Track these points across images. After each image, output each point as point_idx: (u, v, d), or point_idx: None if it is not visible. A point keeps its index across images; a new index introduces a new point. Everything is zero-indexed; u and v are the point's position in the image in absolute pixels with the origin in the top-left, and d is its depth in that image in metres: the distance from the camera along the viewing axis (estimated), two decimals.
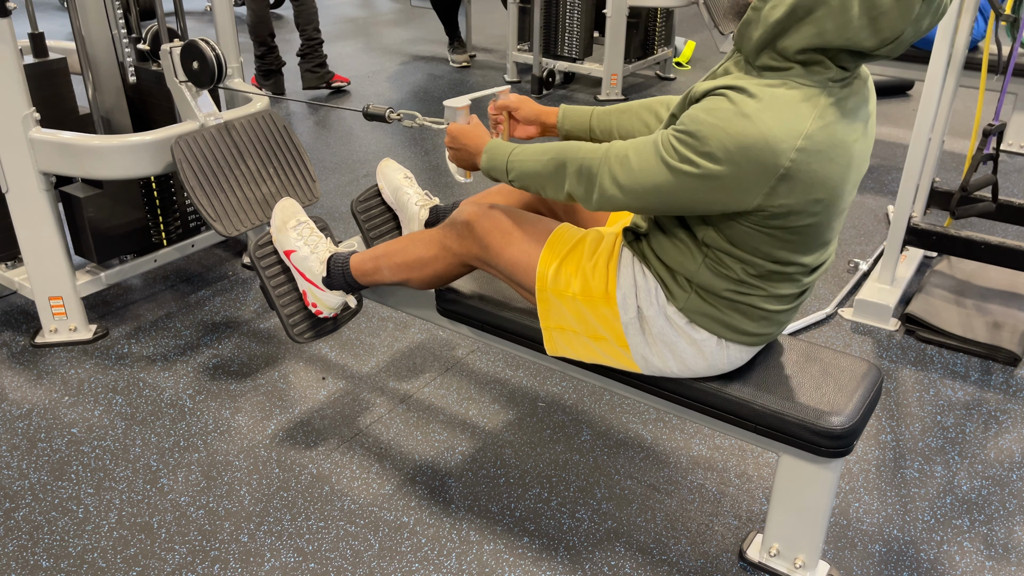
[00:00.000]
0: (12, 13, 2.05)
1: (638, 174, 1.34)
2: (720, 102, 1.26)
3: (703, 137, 1.25)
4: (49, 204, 2.28)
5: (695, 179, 1.28)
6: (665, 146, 1.30)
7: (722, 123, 1.24)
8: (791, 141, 1.24)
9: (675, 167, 1.29)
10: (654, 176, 1.32)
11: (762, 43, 1.27)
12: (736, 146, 1.23)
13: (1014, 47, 2.41)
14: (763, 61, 1.28)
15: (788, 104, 1.24)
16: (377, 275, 1.81)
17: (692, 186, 1.29)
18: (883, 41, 1.21)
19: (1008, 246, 2.45)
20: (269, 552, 1.74)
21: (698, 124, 1.26)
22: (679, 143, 1.28)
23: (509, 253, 1.61)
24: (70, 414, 2.14)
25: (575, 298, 1.54)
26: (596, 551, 1.76)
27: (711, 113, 1.25)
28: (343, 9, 7.25)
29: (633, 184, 1.35)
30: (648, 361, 1.53)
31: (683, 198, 1.31)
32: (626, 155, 1.35)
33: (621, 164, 1.36)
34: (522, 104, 1.76)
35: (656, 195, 1.33)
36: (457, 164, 1.69)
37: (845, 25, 1.19)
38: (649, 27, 4.93)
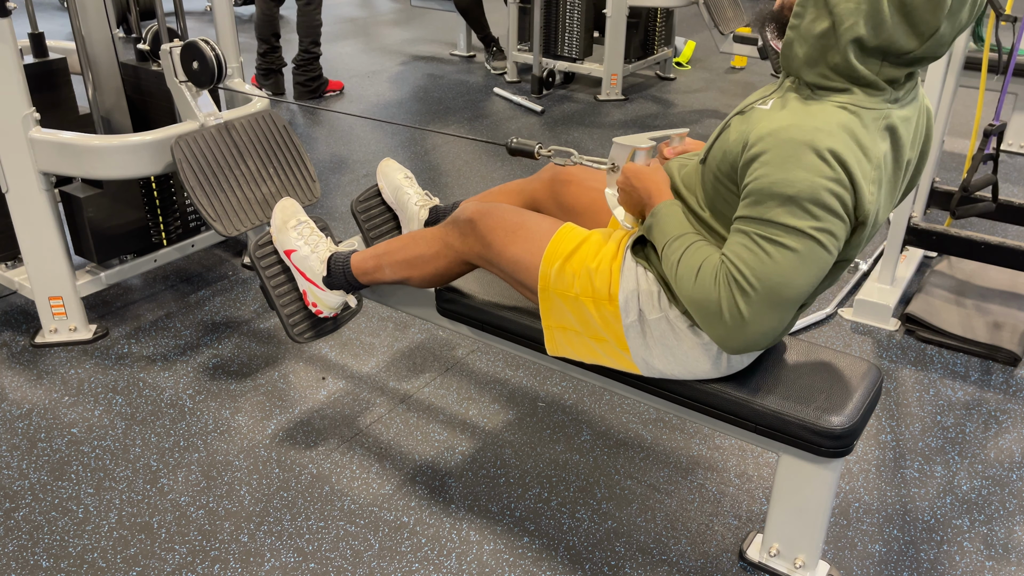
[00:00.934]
0: (12, 13, 2.05)
1: (793, 277, 1.28)
2: (794, 151, 1.23)
3: (801, 197, 1.24)
4: (49, 204, 2.28)
5: (811, 252, 1.27)
6: (775, 225, 1.26)
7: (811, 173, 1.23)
8: (869, 178, 1.25)
9: (810, 234, 1.25)
10: (792, 260, 1.27)
11: (810, 59, 1.26)
12: (819, 206, 1.24)
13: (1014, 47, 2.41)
14: (815, 79, 1.27)
15: (857, 132, 1.24)
16: (378, 273, 1.81)
17: (805, 262, 1.27)
18: (921, 37, 1.19)
19: (1008, 246, 2.45)
20: (269, 552, 1.74)
21: (792, 187, 1.23)
22: (788, 215, 1.25)
23: (512, 251, 1.61)
24: (70, 414, 2.14)
25: (577, 298, 1.54)
26: (596, 551, 1.76)
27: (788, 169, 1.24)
28: (343, 9, 7.25)
29: (798, 295, 1.30)
30: (648, 364, 1.53)
31: (825, 262, 1.29)
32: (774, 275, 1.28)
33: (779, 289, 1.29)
34: (697, 149, 1.63)
35: (805, 274, 1.28)
36: (626, 207, 1.56)
37: (880, 26, 1.19)
38: (649, 27, 4.93)
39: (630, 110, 4.65)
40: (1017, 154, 3.99)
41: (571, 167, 1.85)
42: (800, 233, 1.24)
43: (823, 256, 1.27)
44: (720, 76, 5.38)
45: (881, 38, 1.20)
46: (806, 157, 1.21)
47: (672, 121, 4.48)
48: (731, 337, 1.32)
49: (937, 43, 1.21)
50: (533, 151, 1.75)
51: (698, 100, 4.86)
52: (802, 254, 1.25)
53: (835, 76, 1.26)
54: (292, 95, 4.77)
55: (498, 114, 4.53)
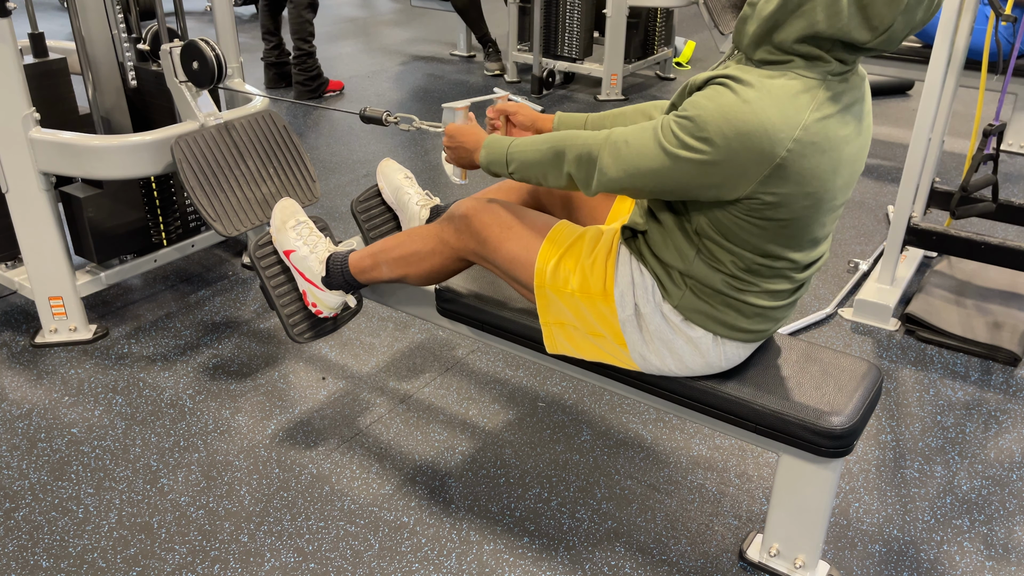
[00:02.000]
0: (12, 13, 2.05)
1: (637, 158, 1.35)
2: (720, 90, 1.27)
3: (702, 123, 1.26)
4: (49, 204, 2.28)
5: (692, 164, 1.29)
6: (664, 131, 1.32)
7: (721, 110, 1.25)
8: (788, 131, 1.25)
9: (672, 152, 1.30)
10: (652, 160, 1.33)
11: (758, 37, 1.28)
12: (734, 132, 1.24)
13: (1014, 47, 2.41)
14: (761, 55, 1.30)
15: (787, 94, 1.25)
16: (375, 271, 1.81)
17: (688, 171, 1.30)
18: (874, 32, 1.22)
19: (1008, 246, 2.45)
20: (269, 552, 1.74)
21: (698, 109, 1.27)
22: (678, 128, 1.30)
23: (507, 248, 1.62)
24: (70, 414, 2.14)
25: (573, 295, 1.54)
26: (596, 551, 1.76)
27: (711, 99, 1.27)
28: (343, 9, 7.25)
29: (632, 168, 1.36)
30: (646, 359, 1.53)
31: (679, 182, 1.32)
32: (625, 140, 1.37)
33: (620, 148, 1.37)
34: (519, 109, 1.78)
35: (654, 178, 1.34)
36: (455, 163, 1.70)
37: (836, 15, 1.21)
38: (649, 27, 4.93)
39: None
40: (1017, 154, 3.99)
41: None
42: (676, 139, 1.29)
43: (678, 169, 1.30)
44: None
45: (835, 28, 1.22)
46: (736, 106, 1.25)
47: None
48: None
49: (889, 38, 1.23)
50: (382, 118, 1.94)
51: None
52: (667, 154, 1.31)
53: (777, 52, 1.28)
54: (292, 95, 4.78)
55: None
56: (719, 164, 1.27)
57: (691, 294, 1.45)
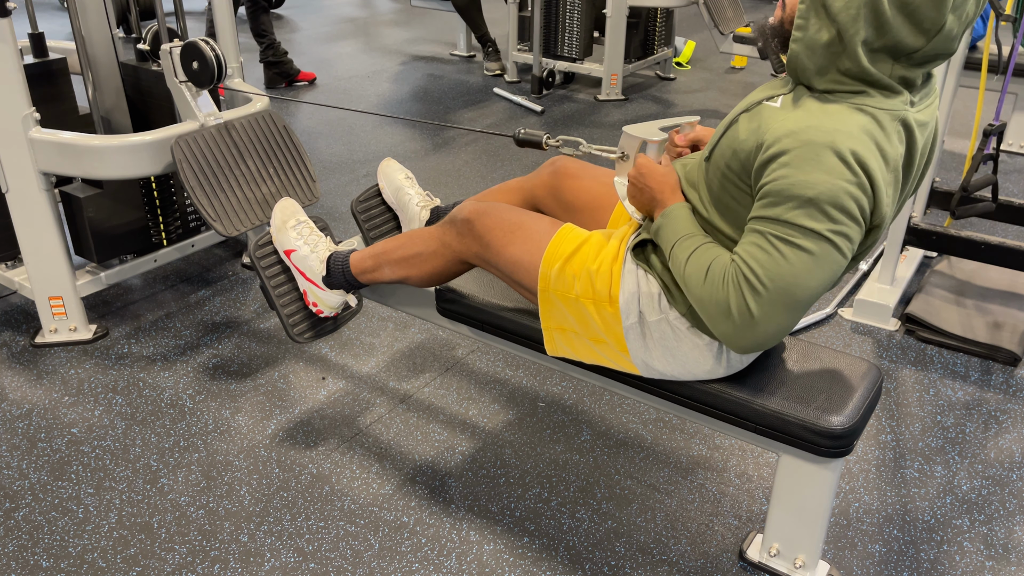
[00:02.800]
0: (12, 13, 2.05)
1: (808, 280, 1.28)
2: (803, 154, 1.23)
3: (824, 200, 1.24)
4: (49, 204, 2.28)
5: (844, 237, 1.26)
6: (793, 232, 1.25)
7: (828, 174, 1.22)
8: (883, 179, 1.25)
9: (825, 242, 1.26)
10: (821, 266, 1.28)
11: (820, 69, 1.25)
12: (838, 209, 1.23)
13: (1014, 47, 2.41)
14: (827, 85, 1.26)
15: (867, 132, 1.23)
16: (377, 272, 1.81)
17: (843, 245, 1.27)
18: (927, 34, 1.19)
19: (1008, 246, 2.45)
20: (269, 552, 1.74)
21: (804, 189, 1.23)
22: (806, 217, 1.24)
23: (511, 252, 1.61)
24: (70, 414, 2.14)
25: (578, 300, 1.53)
26: (596, 551, 1.76)
27: (802, 171, 1.23)
28: (343, 9, 7.25)
29: (809, 297, 1.30)
30: (648, 365, 1.53)
31: (840, 263, 1.29)
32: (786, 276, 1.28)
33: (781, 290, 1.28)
34: (707, 137, 1.63)
35: (823, 283, 1.29)
36: (633, 202, 1.53)
37: (883, 27, 1.18)
38: (649, 27, 4.93)
39: (630, 110, 4.65)
40: (1017, 154, 3.99)
41: (571, 165, 1.85)
42: (817, 235, 1.23)
43: (837, 259, 1.26)
44: (720, 76, 5.38)
45: (886, 38, 1.19)
46: (828, 159, 1.20)
47: None
48: (739, 336, 1.32)
49: (945, 38, 1.20)
50: (541, 141, 1.75)
51: (698, 100, 4.86)
52: (817, 256, 1.24)
53: (848, 80, 1.25)
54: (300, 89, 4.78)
55: (498, 114, 4.53)
56: (852, 236, 1.26)
57: None
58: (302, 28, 6.50)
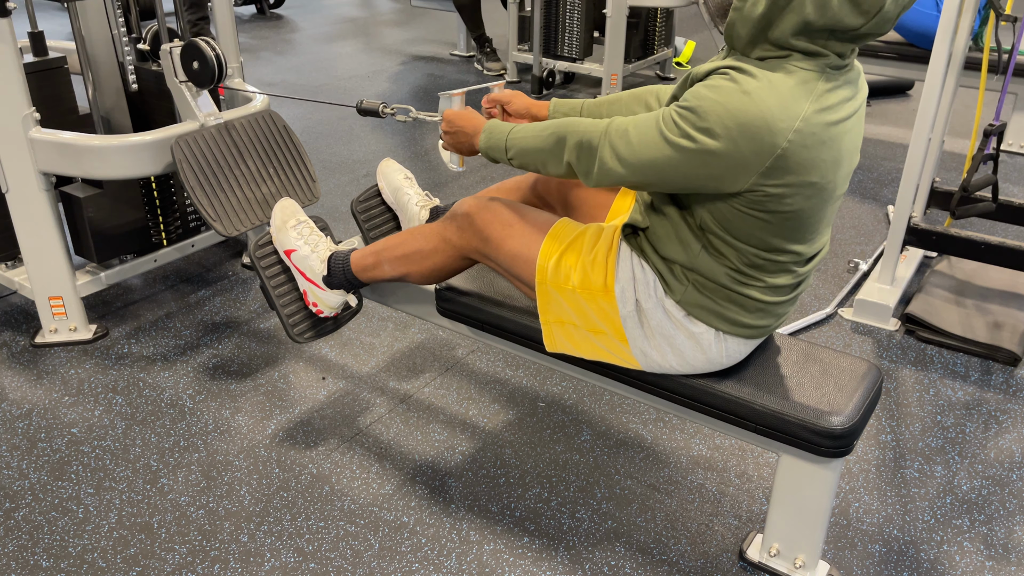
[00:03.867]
0: (12, 13, 2.05)
1: (638, 148, 1.35)
2: (722, 81, 1.28)
3: (703, 113, 1.27)
4: (49, 204, 2.28)
5: (693, 154, 1.29)
6: (666, 121, 1.32)
7: (723, 100, 1.26)
8: (789, 122, 1.25)
9: (674, 142, 1.30)
10: (653, 150, 1.33)
11: (752, 37, 1.29)
12: (735, 123, 1.25)
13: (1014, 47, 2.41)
14: (758, 54, 1.30)
15: (787, 86, 1.26)
16: (377, 270, 1.82)
17: (690, 161, 1.30)
18: (866, 15, 1.22)
19: (1008, 246, 2.45)
20: (269, 552, 1.74)
21: (699, 100, 1.28)
22: (680, 118, 1.30)
23: (509, 245, 1.62)
24: (70, 414, 2.14)
25: (574, 291, 1.54)
26: (596, 551, 1.76)
27: (712, 90, 1.27)
28: (343, 9, 7.25)
29: (633, 158, 1.36)
30: (647, 356, 1.53)
31: (680, 173, 1.32)
32: (627, 129, 1.37)
33: (622, 138, 1.37)
34: (514, 98, 1.78)
35: (654, 170, 1.34)
36: (454, 149, 1.69)
37: (825, 5, 1.21)
38: (649, 27, 4.93)
39: None
40: (1017, 154, 3.99)
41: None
42: (678, 130, 1.29)
43: (682, 160, 1.30)
44: None
45: (827, 17, 1.23)
46: (737, 97, 1.25)
47: None
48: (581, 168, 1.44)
49: (882, 19, 1.24)
50: (378, 109, 1.97)
51: None
52: (671, 145, 1.30)
53: (775, 48, 1.28)
54: (298, 88, 4.78)
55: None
56: (720, 155, 1.27)
57: (693, 289, 1.45)
58: (302, 28, 6.50)
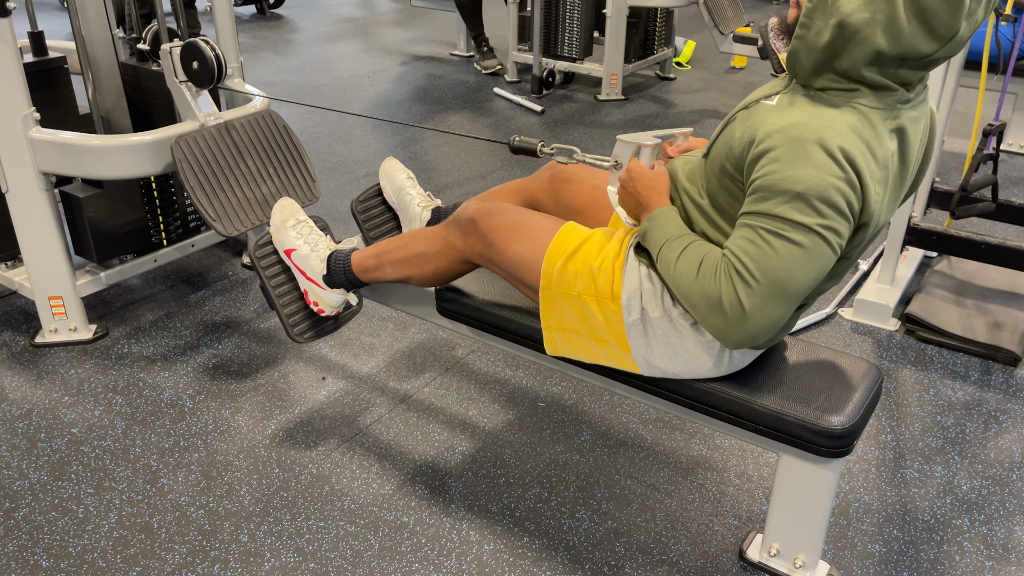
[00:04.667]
0: (12, 13, 2.05)
1: (796, 272, 1.29)
2: (799, 148, 1.23)
3: (812, 195, 1.24)
4: (49, 204, 2.28)
5: (832, 232, 1.27)
6: (782, 225, 1.26)
7: (819, 173, 1.22)
8: (882, 172, 1.26)
9: (814, 236, 1.26)
10: (806, 260, 1.28)
11: (817, 68, 1.26)
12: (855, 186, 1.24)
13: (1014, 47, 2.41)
14: (822, 84, 1.27)
15: (854, 129, 1.24)
16: (379, 271, 1.81)
17: (832, 241, 1.27)
18: (941, 41, 1.19)
19: (1008, 246, 2.45)
20: (269, 552, 1.74)
21: (794, 184, 1.23)
22: (794, 211, 1.25)
23: (514, 250, 1.61)
24: (70, 414, 2.14)
25: (580, 297, 1.54)
26: (596, 551, 1.76)
27: (794, 167, 1.24)
28: (343, 9, 7.25)
29: (800, 289, 1.30)
30: (650, 363, 1.53)
31: (828, 259, 1.29)
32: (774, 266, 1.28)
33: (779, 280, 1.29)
34: (700, 147, 1.64)
35: (811, 278, 1.30)
36: (624, 208, 1.55)
37: (897, 34, 1.18)
38: (649, 27, 4.93)
39: (630, 110, 4.65)
40: (1017, 154, 3.99)
41: (570, 168, 1.85)
42: (806, 229, 1.24)
43: (827, 253, 1.27)
44: (720, 76, 5.38)
45: (901, 46, 1.19)
46: (816, 155, 1.21)
47: (672, 121, 4.48)
48: (731, 330, 1.33)
49: (956, 44, 1.20)
50: (535, 149, 1.73)
51: (698, 100, 4.86)
52: (807, 249, 1.26)
53: (843, 80, 1.26)
54: (301, 89, 4.78)
55: (498, 114, 4.53)
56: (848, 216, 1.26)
57: None
58: (302, 28, 6.50)
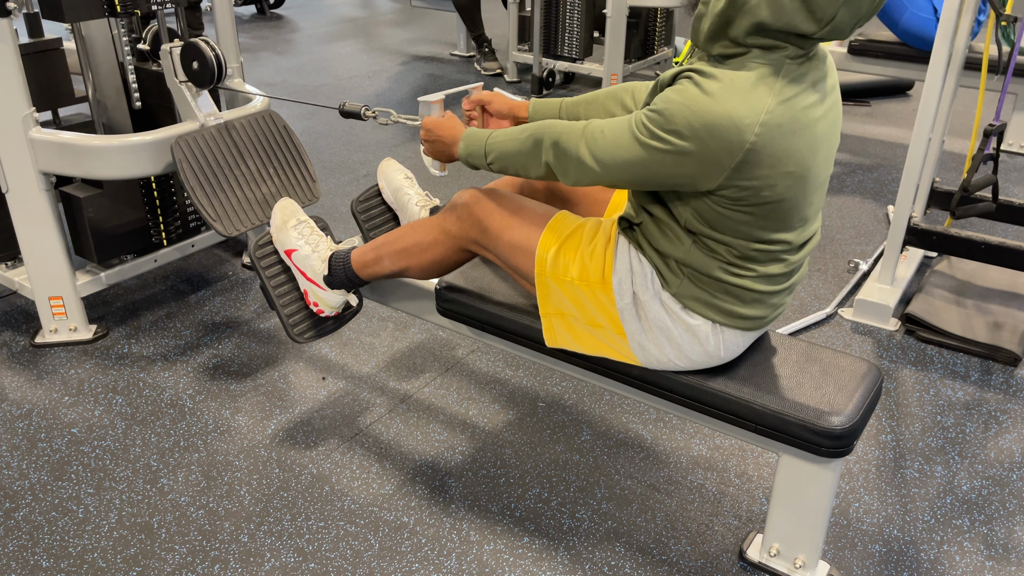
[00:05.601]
0: (12, 13, 2.05)
1: (612, 149, 1.39)
2: (686, 84, 1.32)
3: (670, 115, 1.31)
4: (49, 204, 2.28)
5: (664, 155, 1.33)
6: (637, 124, 1.36)
7: (687, 103, 1.30)
8: (753, 117, 1.28)
9: (645, 143, 1.35)
10: (626, 152, 1.37)
11: (712, 34, 1.33)
12: (701, 124, 1.29)
13: (1015, 47, 2.41)
14: (718, 50, 1.34)
15: (748, 83, 1.29)
16: (377, 265, 1.82)
17: (661, 162, 1.34)
18: (820, 23, 1.26)
19: (1008, 246, 2.45)
20: (269, 552, 1.74)
21: (666, 103, 1.32)
22: (649, 121, 1.34)
23: (508, 236, 1.62)
24: (70, 414, 2.14)
25: (573, 283, 1.55)
26: (596, 551, 1.76)
27: (678, 93, 1.32)
28: (343, 9, 7.25)
29: (607, 158, 1.40)
30: (645, 350, 1.53)
31: (653, 173, 1.37)
32: (602, 131, 1.42)
33: (597, 139, 1.42)
34: (495, 99, 1.79)
35: (628, 170, 1.39)
36: (434, 156, 1.72)
37: (779, 10, 1.25)
38: (649, 27, 4.93)
39: None
40: (1017, 154, 3.99)
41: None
42: (648, 131, 1.33)
43: (652, 159, 1.34)
44: None
45: (782, 21, 1.26)
46: (691, 91, 1.30)
47: None
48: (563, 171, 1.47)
49: (836, 28, 1.27)
50: (360, 112, 1.97)
51: None
52: (638, 143, 1.35)
53: (734, 46, 1.32)
54: (299, 90, 4.78)
55: None
56: (690, 155, 1.31)
57: (689, 282, 1.46)
58: (302, 28, 6.50)
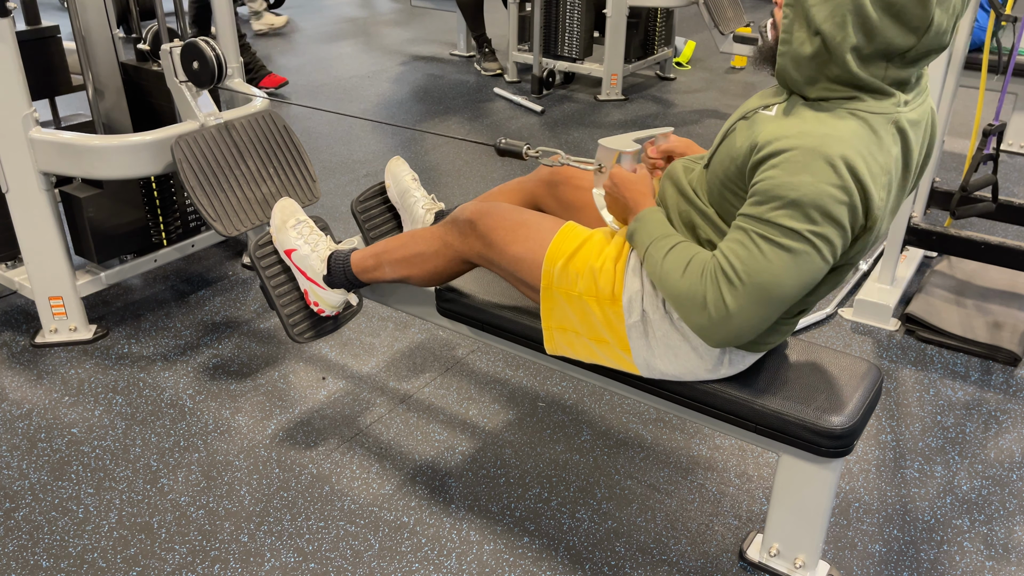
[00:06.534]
0: (12, 13, 2.05)
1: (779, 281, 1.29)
2: (791, 158, 1.24)
3: (806, 203, 1.24)
4: (49, 204, 2.28)
5: (825, 243, 1.26)
6: (773, 230, 1.26)
7: (816, 184, 1.22)
8: (877, 177, 1.25)
9: (801, 247, 1.26)
10: (787, 270, 1.28)
11: (809, 80, 1.26)
12: None
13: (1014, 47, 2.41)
14: (818, 93, 1.27)
15: (859, 137, 1.23)
16: (378, 271, 1.81)
17: (824, 253, 1.27)
18: (917, 32, 1.19)
19: (1008, 246, 2.45)
20: (269, 552, 1.74)
21: (788, 191, 1.24)
22: (787, 219, 1.25)
23: (514, 250, 1.61)
24: (70, 414, 2.14)
25: (581, 297, 1.53)
26: (596, 551, 1.76)
27: (793, 174, 1.23)
28: (343, 9, 7.25)
29: (780, 295, 1.30)
30: (650, 364, 1.53)
31: (819, 269, 1.29)
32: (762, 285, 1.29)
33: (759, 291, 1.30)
34: (688, 149, 1.66)
35: (798, 287, 1.30)
36: (612, 213, 1.57)
37: (871, 31, 1.18)
38: (649, 27, 4.93)
39: (630, 110, 4.65)
40: (1017, 154, 3.99)
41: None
42: (797, 235, 1.24)
43: (815, 261, 1.27)
44: (720, 76, 5.38)
45: (876, 42, 1.19)
46: (815, 162, 1.21)
47: (672, 121, 4.48)
48: (713, 328, 1.33)
49: (936, 34, 1.20)
50: (521, 152, 1.74)
51: (698, 100, 4.86)
52: (795, 255, 1.25)
53: (839, 87, 1.25)
54: (304, 89, 4.78)
55: (498, 114, 4.53)
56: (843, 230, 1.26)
57: None
58: (302, 28, 6.50)
